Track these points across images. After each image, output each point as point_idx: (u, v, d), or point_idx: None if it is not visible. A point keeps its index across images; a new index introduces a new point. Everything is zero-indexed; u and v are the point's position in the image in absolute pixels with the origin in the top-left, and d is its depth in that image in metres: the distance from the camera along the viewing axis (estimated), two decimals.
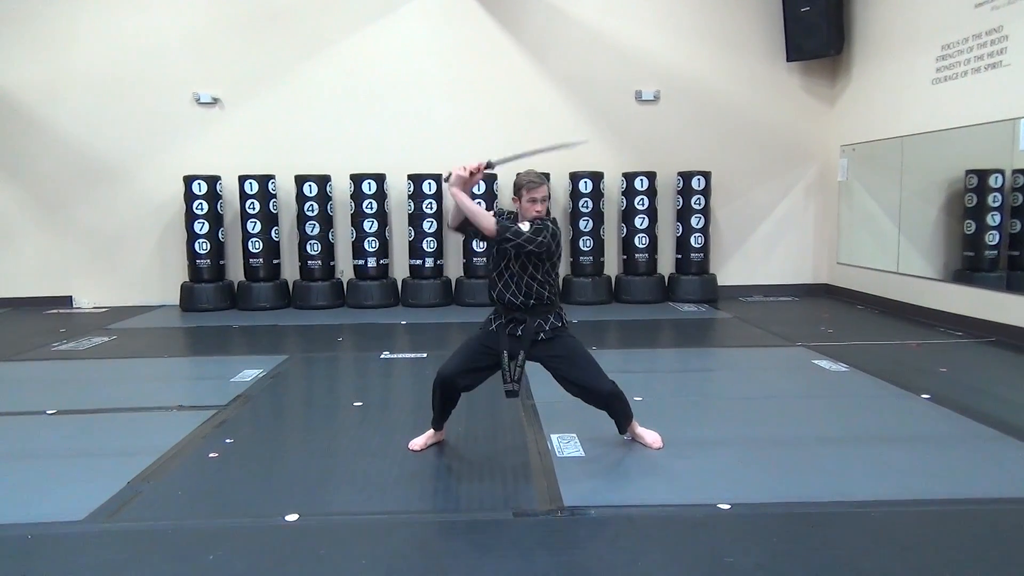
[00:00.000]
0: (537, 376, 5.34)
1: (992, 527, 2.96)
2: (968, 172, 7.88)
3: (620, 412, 3.81)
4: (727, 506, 3.11)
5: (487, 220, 3.56)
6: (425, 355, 6.22)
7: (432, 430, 3.93)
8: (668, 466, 3.62)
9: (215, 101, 9.08)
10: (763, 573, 2.60)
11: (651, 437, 3.86)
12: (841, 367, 5.60)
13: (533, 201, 3.62)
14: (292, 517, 3.01)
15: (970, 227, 7.89)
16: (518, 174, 3.76)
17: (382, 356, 6.17)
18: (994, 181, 7.70)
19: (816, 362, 5.79)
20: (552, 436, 4.02)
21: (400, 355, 6.21)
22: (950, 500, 3.20)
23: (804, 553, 2.75)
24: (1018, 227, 7.43)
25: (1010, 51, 6.54)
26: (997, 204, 7.69)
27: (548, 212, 3.75)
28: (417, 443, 3.88)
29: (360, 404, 4.76)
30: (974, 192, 7.84)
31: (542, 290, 3.67)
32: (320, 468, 3.65)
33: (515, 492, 3.30)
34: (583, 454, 3.75)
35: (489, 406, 4.93)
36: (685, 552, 2.77)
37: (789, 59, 9.28)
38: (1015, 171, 7.36)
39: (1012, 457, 3.72)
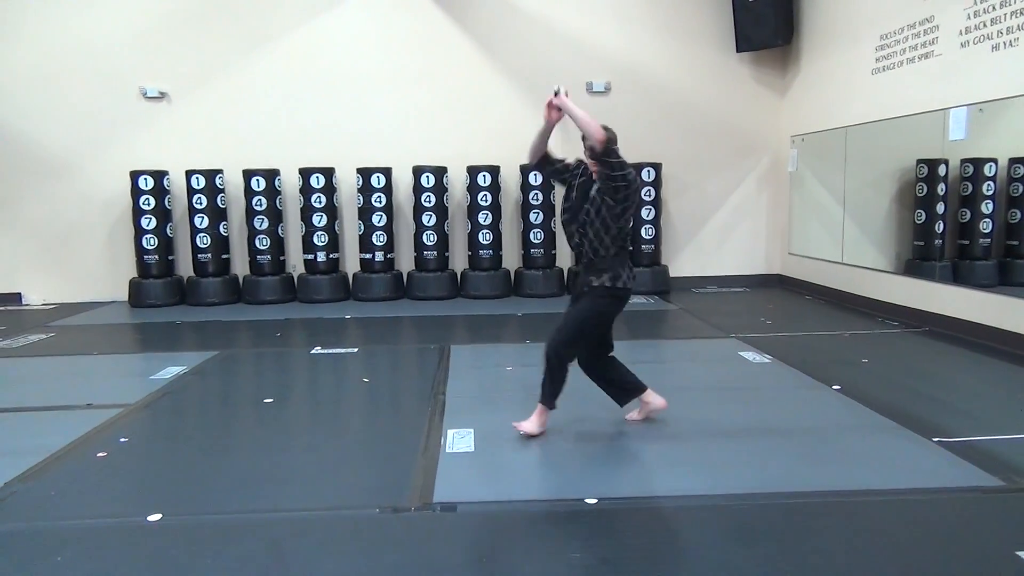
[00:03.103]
0: (455, 368, 5.40)
1: (848, 519, 2.96)
2: (919, 161, 7.89)
3: (545, 379, 3.85)
4: (594, 501, 3.12)
5: (595, 127, 3.56)
6: (356, 350, 6.22)
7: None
8: (552, 461, 3.63)
9: (162, 95, 9.03)
10: (607, 568, 2.61)
11: (528, 426, 3.87)
12: (765, 358, 5.62)
13: None
14: (155, 517, 3.00)
15: (920, 217, 7.90)
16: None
17: (312, 352, 6.16)
18: (941, 170, 7.73)
19: (742, 353, 5.81)
20: (449, 431, 4.02)
21: (331, 350, 6.19)
22: (820, 492, 3.21)
23: (652, 547, 2.75)
24: (967, 216, 7.49)
25: (940, 41, 6.54)
26: (943, 193, 7.71)
27: None
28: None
29: (271, 401, 4.75)
30: (924, 182, 7.86)
31: (599, 242, 3.72)
32: (204, 466, 3.64)
33: (390, 488, 3.30)
34: (473, 450, 3.76)
35: (395, 399, 4.96)
36: (536, 547, 2.78)
37: (739, 49, 9.26)
38: (964, 161, 7.40)
39: (898, 448, 3.74)
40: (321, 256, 8.97)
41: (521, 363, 5.76)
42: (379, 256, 9.01)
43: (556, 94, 3.72)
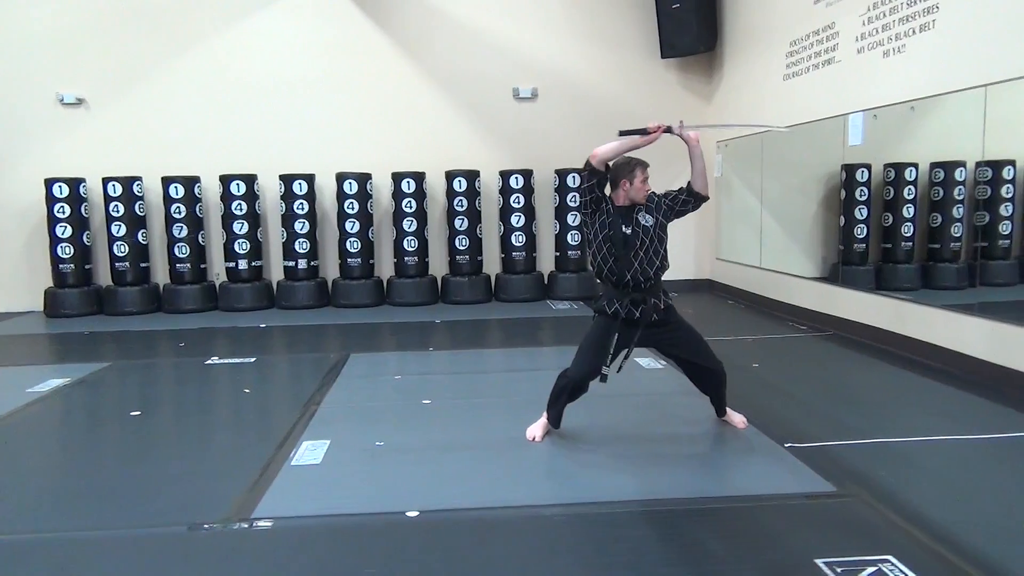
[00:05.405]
0: (345, 377, 5.33)
1: (666, 527, 2.92)
2: (843, 166, 7.92)
3: (723, 395, 3.95)
4: (415, 513, 3.06)
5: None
6: (253, 360, 6.12)
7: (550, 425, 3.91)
8: (394, 474, 3.55)
9: (80, 101, 8.88)
10: None
11: (738, 418, 4.01)
12: (659, 364, 5.59)
13: (645, 181, 3.67)
14: None
15: (843, 221, 7.92)
16: (621, 161, 3.66)
17: (207, 362, 6.06)
18: (861, 175, 7.77)
19: (637, 360, 5.76)
20: (304, 443, 3.94)
21: (227, 360, 6.09)
22: (649, 500, 3.16)
23: (452, 560, 2.69)
24: (890, 220, 7.53)
25: (840, 47, 6.59)
26: (865, 198, 7.75)
27: None
28: (537, 433, 3.88)
29: (137, 414, 4.64)
30: (846, 187, 7.89)
31: (665, 262, 3.68)
32: (27, 484, 3.53)
33: (212, 503, 3.21)
34: (319, 462, 3.68)
35: (267, 410, 4.88)
36: (334, 563, 2.70)
37: (663, 56, 9.29)
38: (887, 165, 7.44)
39: (746, 454, 3.71)
40: (243, 264, 8.86)
41: (416, 371, 5.72)
42: (303, 264, 8.91)
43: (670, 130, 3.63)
